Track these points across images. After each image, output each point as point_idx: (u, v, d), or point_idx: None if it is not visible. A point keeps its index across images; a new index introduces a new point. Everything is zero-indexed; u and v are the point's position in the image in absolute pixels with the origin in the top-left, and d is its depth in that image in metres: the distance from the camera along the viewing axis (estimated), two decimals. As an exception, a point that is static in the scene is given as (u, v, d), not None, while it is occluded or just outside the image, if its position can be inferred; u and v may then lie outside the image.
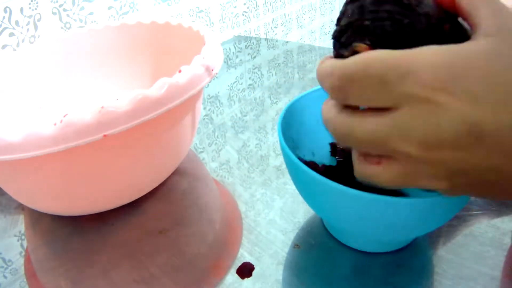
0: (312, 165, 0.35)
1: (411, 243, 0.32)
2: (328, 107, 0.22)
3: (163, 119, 0.32)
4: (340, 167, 0.36)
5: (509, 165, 0.17)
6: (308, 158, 0.35)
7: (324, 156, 0.37)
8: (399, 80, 0.18)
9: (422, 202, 0.23)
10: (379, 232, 0.28)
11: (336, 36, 0.23)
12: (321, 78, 0.22)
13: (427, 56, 0.18)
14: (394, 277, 0.30)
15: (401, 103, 0.18)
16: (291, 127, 0.33)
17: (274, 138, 0.49)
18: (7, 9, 0.50)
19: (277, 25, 1.06)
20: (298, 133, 0.34)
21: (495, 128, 0.17)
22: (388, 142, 0.19)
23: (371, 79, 0.18)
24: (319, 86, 0.35)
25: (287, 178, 0.41)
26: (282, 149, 0.29)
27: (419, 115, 0.18)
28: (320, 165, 0.36)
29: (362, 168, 0.21)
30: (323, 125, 0.23)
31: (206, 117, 0.55)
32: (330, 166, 0.36)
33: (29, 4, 0.52)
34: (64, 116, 0.27)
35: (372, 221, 0.26)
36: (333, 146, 0.37)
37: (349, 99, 0.20)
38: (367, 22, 0.21)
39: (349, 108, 0.21)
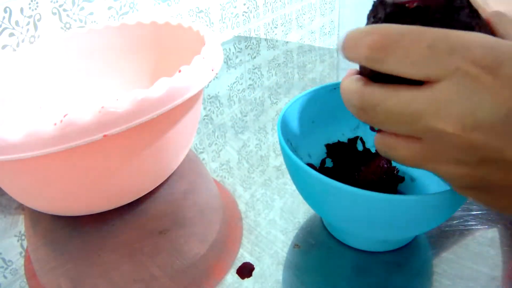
0: (309, 167, 0.35)
1: (411, 242, 0.32)
2: (351, 80, 0.21)
3: (163, 119, 0.32)
4: (336, 168, 0.36)
5: None
6: (305, 160, 0.35)
7: (320, 158, 0.37)
8: (449, 50, 0.17)
9: (421, 199, 0.23)
10: (379, 231, 0.28)
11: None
12: (358, 35, 0.20)
13: (478, 37, 0.17)
14: (394, 277, 0.30)
15: (445, 76, 0.17)
16: (288, 130, 0.33)
17: (274, 138, 0.49)
18: (7, 9, 0.50)
19: (277, 25, 1.06)
20: (296, 136, 0.34)
21: None
22: (423, 117, 0.18)
23: (421, 43, 0.18)
24: (309, 89, 0.35)
25: (287, 178, 0.41)
26: (282, 148, 0.29)
27: (462, 91, 0.17)
28: (317, 167, 0.36)
29: (383, 138, 0.21)
30: (319, 127, 0.22)
31: (206, 117, 0.55)
32: (326, 168, 0.36)
33: (29, 4, 0.52)
34: (64, 116, 0.27)
35: (372, 219, 0.26)
36: (328, 147, 0.37)
37: (388, 62, 0.18)
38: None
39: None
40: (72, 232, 0.37)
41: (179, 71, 0.32)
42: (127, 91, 0.52)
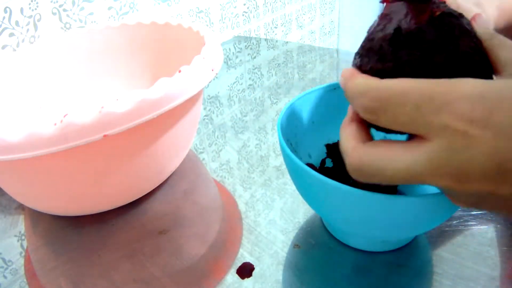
0: (309, 167, 0.35)
1: (411, 242, 0.32)
2: (347, 136, 0.22)
3: (163, 119, 0.32)
4: (336, 168, 0.36)
5: None
6: (305, 160, 0.35)
7: (320, 158, 0.37)
8: (436, 110, 0.18)
9: (421, 200, 0.23)
10: (378, 231, 0.28)
11: (376, 49, 0.22)
12: (352, 95, 0.21)
13: (464, 88, 0.17)
14: (394, 277, 0.30)
15: (435, 134, 0.18)
16: (288, 130, 0.33)
17: (274, 138, 0.49)
18: (7, 9, 0.50)
19: (277, 25, 1.06)
20: (296, 136, 0.34)
21: None
22: (423, 179, 0.19)
23: (407, 106, 0.18)
24: (309, 90, 0.35)
25: (287, 178, 0.41)
26: (282, 148, 0.29)
27: (454, 148, 0.17)
28: (317, 167, 0.36)
29: None
30: (319, 127, 0.22)
31: (206, 117, 0.55)
32: (326, 168, 0.36)
33: (29, 4, 0.52)
34: (64, 116, 0.27)
35: (371, 220, 0.26)
36: (328, 147, 0.37)
37: (380, 121, 0.20)
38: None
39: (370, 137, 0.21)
40: (72, 232, 0.37)
41: (179, 71, 0.32)
42: (127, 91, 0.52)
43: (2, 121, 0.42)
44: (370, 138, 0.22)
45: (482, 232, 0.33)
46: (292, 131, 0.34)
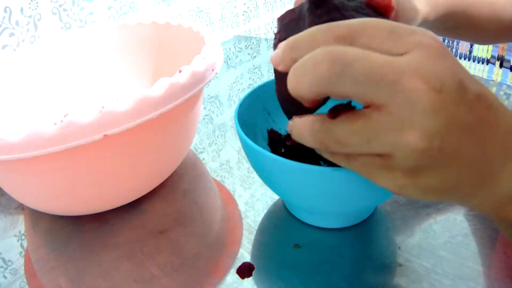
0: (287, 137, 0.36)
1: (412, 243, 0.32)
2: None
3: (163, 119, 0.32)
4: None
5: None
6: (284, 132, 0.38)
7: None
8: (410, 31, 0.19)
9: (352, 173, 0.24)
10: (326, 204, 0.29)
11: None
12: (318, 30, 0.21)
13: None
14: (394, 277, 0.30)
15: (412, 49, 0.19)
16: (268, 101, 0.36)
17: (274, 138, 0.49)
18: (7, 9, 0.50)
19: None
20: (277, 109, 0.36)
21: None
22: (403, 76, 0.18)
23: (383, 29, 0.19)
24: None
25: (287, 178, 0.41)
26: (236, 125, 0.31)
27: (430, 56, 0.19)
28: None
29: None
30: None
31: (206, 117, 0.55)
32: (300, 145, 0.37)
33: (29, 4, 0.52)
34: (64, 116, 0.27)
35: (315, 192, 0.28)
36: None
37: (359, 44, 0.20)
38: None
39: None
40: (72, 232, 0.37)
41: (179, 71, 0.32)
42: (127, 91, 0.52)
43: (2, 121, 0.42)
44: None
45: (482, 232, 0.33)
46: (272, 103, 0.36)
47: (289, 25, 0.26)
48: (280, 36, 0.26)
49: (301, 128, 0.22)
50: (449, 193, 0.20)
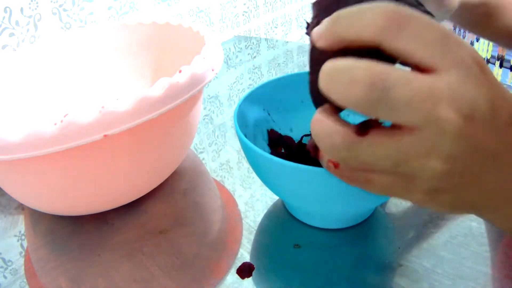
0: (287, 139, 0.36)
1: (412, 242, 0.32)
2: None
3: (163, 119, 0.32)
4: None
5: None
6: (284, 132, 0.38)
7: (302, 133, 0.39)
8: (459, 44, 0.18)
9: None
10: (321, 205, 0.30)
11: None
12: (361, 13, 0.19)
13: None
14: (394, 278, 0.30)
15: (453, 65, 0.18)
16: (268, 101, 0.37)
17: (274, 138, 0.49)
18: (7, 9, 0.50)
19: (277, 25, 1.06)
20: (277, 109, 0.36)
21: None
22: (438, 104, 0.17)
23: (436, 29, 0.18)
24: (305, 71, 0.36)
25: (287, 178, 0.41)
26: (235, 122, 0.32)
27: (468, 78, 0.18)
28: (296, 142, 0.37)
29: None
30: (306, 105, 0.23)
31: (206, 117, 0.55)
32: (302, 144, 0.37)
33: (29, 4, 0.52)
34: (64, 116, 0.27)
35: (313, 193, 0.28)
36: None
37: (403, 37, 0.18)
38: None
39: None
40: (72, 232, 0.37)
41: (179, 71, 0.32)
42: (127, 91, 0.52)
43: (2, 121, 0.42)
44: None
45: (482, 232, 0.33)
46: (272, 104, 0.37)
47: (328, 9, 0.23)
48: (319, 20, 0.23)
49: (320, 135, 0.20)
50: (467, 210, 0.21)
